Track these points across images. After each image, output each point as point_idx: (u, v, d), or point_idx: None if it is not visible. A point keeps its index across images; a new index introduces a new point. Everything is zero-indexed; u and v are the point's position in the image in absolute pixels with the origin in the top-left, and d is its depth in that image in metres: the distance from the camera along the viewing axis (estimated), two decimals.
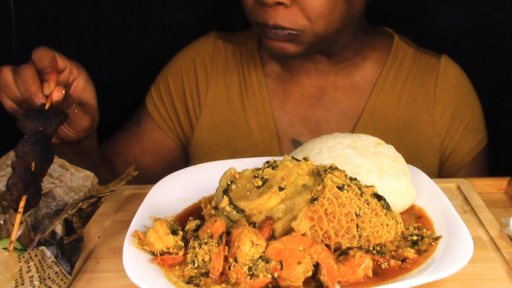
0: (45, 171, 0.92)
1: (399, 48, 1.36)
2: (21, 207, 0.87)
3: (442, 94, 1.34)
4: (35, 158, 0.90)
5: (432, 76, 1.34)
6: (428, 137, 1.33)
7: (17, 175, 0.87)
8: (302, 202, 0.81)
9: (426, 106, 1.33)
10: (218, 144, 1.36)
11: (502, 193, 1.11)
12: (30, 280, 0.75)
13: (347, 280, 0.76)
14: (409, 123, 1.33)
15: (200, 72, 1.38)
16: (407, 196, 0.92)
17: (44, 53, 1.02)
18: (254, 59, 1.37)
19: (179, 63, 1.41)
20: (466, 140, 1.35)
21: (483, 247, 0.87)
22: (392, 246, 0.83)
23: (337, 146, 0.98)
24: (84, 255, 0.87)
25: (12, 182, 0.86)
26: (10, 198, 0.87)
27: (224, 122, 1.36)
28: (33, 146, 0.91)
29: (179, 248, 0.82)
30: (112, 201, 1.04)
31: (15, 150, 0.91)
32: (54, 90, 0.99)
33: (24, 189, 0.87)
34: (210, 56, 1.39)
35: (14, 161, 0.89)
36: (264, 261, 0.75)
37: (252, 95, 1.35)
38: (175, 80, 1.39)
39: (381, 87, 1.33)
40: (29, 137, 0.92)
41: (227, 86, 1.37)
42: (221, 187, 0.87)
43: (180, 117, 1.39)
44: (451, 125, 1.33)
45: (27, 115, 0.94)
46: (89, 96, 1.10)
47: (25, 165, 0.88)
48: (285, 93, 1.35)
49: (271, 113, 1.34)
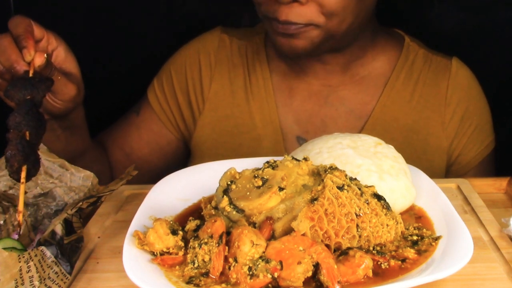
0: (40, 139, 0.92)
1: (410, 49, 1.36)
2: (23, 178, 0.88)
3: (453, 96, 1.33)
4: (29, 127, 0.90)
5: (444, 78, 1.33)
6: (437, 138, 1.32)
7: (15, 146, 0.87)
8: (302, 202, 0.81)
9: (437, 107, 1.32)
10: (221, 138, 1.35)
11: (502, 193, 1.11)
12: (30, 280, 0.75)
13: (347, 280, 0.76)
14: (419, 123, 1.32)
15: (204, 66, 1.38)
16: (407, 196, 0.92)
17: (19, 20, 1.01)
18: (259, 55, 1.36)
19: (183, 56, 1.40)
20: (474, 143, 1.34)
21: (483, 247, 0.87)
22: (392, 246, 0.83)
23: (337, 146, 0.98)
24: (84, 255, 0.87)
25: (10, 154, 0.87)
26: (11, 169, 0.87)
27: (227, 116, 1.36)
28: (25, 116, 0.91)
29: (179, 248, 0.82)
30: (112, 201, 1.04)
31: (8, 122, 0.90)
32: (36, 56, 0.98)
33: (23, 159, 0.87)
34: (215, 50, 1.38)
35: (9, 133, 0.89)
36: (264, 261, 0.75)
37: (257, 89, 1.35)
38: (179, 73, 1.39)
39: (393, 86, 1.33)
40: (19, 107, 0.91)
41: (231, 81, 1.37)
42: (221, 187, 0.87)
43: (183, 110, 1.39)
44: (460, 127, 1.33)
45: (13, 85, 0.94)
46: (71, 66, 1.08)
47: (20, 135, 0.88)
48: (291, 90, 1.35)
49: (276, 109, 1.33)
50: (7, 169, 0.88)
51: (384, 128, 1.30)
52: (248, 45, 1.38)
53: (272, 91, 1.34)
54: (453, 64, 1.35)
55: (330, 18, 1.14)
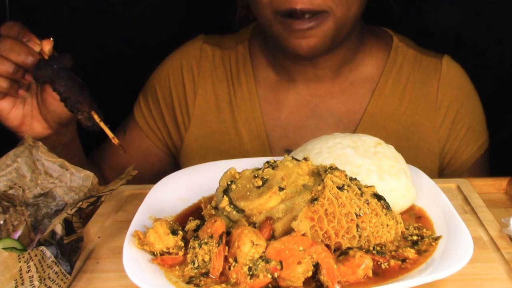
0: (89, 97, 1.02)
1: (398, 51, 1.33)
2: (97, 118, 1.01)
3: (444, 98, 1.30)
4: (75, 89, 1.01)
5: (434, 79, 1.30)
6: (429, 144, 1.30)
7: (80, 97, 1.00)
8: (302, 202, 0.81)
9: (427, 112, 1.30)
10: (208, 155, 1.32)
11: (502, 193, 1.11)
12: (30, 280, 0.75)
13: (347, 280, 0.76)
14: (409, 129, 1.29)
15: (187, 80, 1.34)
16: (407, 196, 0.92)
17: (10, 24, 1.05)
18: (245, 65, 1.33)
19: (166, 69, 1.37)
20: (467, 145, 1.32)
21: (483, 247, 0.87)
22: (392, 246, 0.83)
23: (337, 146, 0.98)
24: (84, 255, 0.87)
25: (77, 104, 1.00)
26: (83, 116, 1.00)
27: (214, 132, 1.33)
28: (67, 82, 1.00)
29: (179, 248, 0.82)
30: (112, 201, 1.04)
31: (58, 93, 1.01)
32: (43, 43, 1.04)
33: (89, 105, 1.00)
34: (197, 62, 1.35)
35: (62, 97, 1.00)
36: (264, 261, 0.75)
37: (242, 102, 1.31)
38: (163, 87, 1.36)
39: (381, 93, 1.30)
40: (59, 77, 1.00)
41: (215, 94, 1.33)
42: (221, 187, 0.87)
43: (169, 127, 1.36)
44: (452, 130, 1.30)
45: (38, 68, 1.02)
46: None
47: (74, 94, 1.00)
48: (278, 102, 1.32)
49: (262, 123, 1.30)
50: (82, 121, 1.00)
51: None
52: (232, 55, 1.34)
53: (258, 103, 1.31)
54: (443, 63, 1.32)
55: (338, 3, 1.14)
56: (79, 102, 1.00)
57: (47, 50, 1.04)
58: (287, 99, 1.32)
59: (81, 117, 1.01)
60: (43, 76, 1.01)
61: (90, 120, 1.01)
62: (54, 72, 1.01)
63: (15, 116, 1.09)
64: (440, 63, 1.32)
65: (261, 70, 1.33)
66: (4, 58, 1.02)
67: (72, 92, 1.00)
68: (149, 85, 1.39)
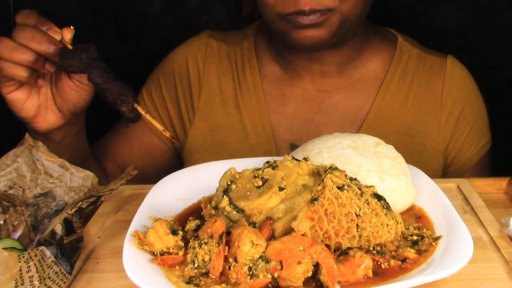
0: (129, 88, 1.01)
1: (403, 50, 1.34)
2: (141, 110, 0.99)
3: (449, 96, 1.31)
4: (113, 80, 0.98)
5: (438, 78, 1.31)
6: (433, 141, 1.30)
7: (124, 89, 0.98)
8: (302, 202, 0.81)
9: (432, 109, 1.31)
10: (212, 149, 1.32)
11: (502, 193, 1.11)
12: (30, 280, 0.75)
13: (347, 280, 0.76)
14: (414, 126, 1.30)
15: (192, 73, 1.34)
16: (407, 196, 0.92)
17: (27, 12, 1.03)
18: (250, 60, 1.34)
19: (171, 63, 1.37)
20: (471, 144, 1.33)
21: (483, 247, 0.87)
22: (392, 246, 0.83)
23: (337, 146, 0.98)
24: (84, 255, 0.87)
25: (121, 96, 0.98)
26: (127, 108, 0.98)
27: (218, 126, 1.33)
28: (103, 72, 0.98)
29: (179, 248, 0.82)
30: (112, 201, 1.04)
31: (94, 84, 0.99)
32: (63, 31, 1.02)
33: (133, 98, 0.98)
34: (202, 56, 1.35)
35: (100, 88, 0.98)
36: (264, 261, 0.75)
37: (248, 97, 1.32)
38: (167, 81, 1.35)
39: (386, 90, 1.31)
40: (94, 67, 0.98)
41: (220, 88, 1.33)
42: (221, 187, 0.87)
43: (173, 121, 1.36)
44: (456, 128, 1.31)
45: (63, 57, 0.99)
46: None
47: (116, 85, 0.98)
48: (283, 97, 1.32)
49: (268, 117, 1.31)
50: (125, 112, 0.98)
51: (379, 133, 1.26)
52: (237, 50, 1.35)
53: (264, 98, 1.31)
54: (448, 63, 1.33)
55: (344, 2, 1.14)
56: (123, 94, 0.98)
57: (68, 38, 1.02)
58: (293, 94, 1.32)
59: (125, 109, 0.98)
60: (71, 65, 0.99)
61: (134, 112, 0.99)
62: (83, 62, 0.99)
63: (30, 106, 1.08)
64: (444, 62, 1.33)
65: (266, 64, 1.34)
66: (25, 47, 0.99)
67: (112, 83, 0.98)
68: (153, 79, 1.39)
